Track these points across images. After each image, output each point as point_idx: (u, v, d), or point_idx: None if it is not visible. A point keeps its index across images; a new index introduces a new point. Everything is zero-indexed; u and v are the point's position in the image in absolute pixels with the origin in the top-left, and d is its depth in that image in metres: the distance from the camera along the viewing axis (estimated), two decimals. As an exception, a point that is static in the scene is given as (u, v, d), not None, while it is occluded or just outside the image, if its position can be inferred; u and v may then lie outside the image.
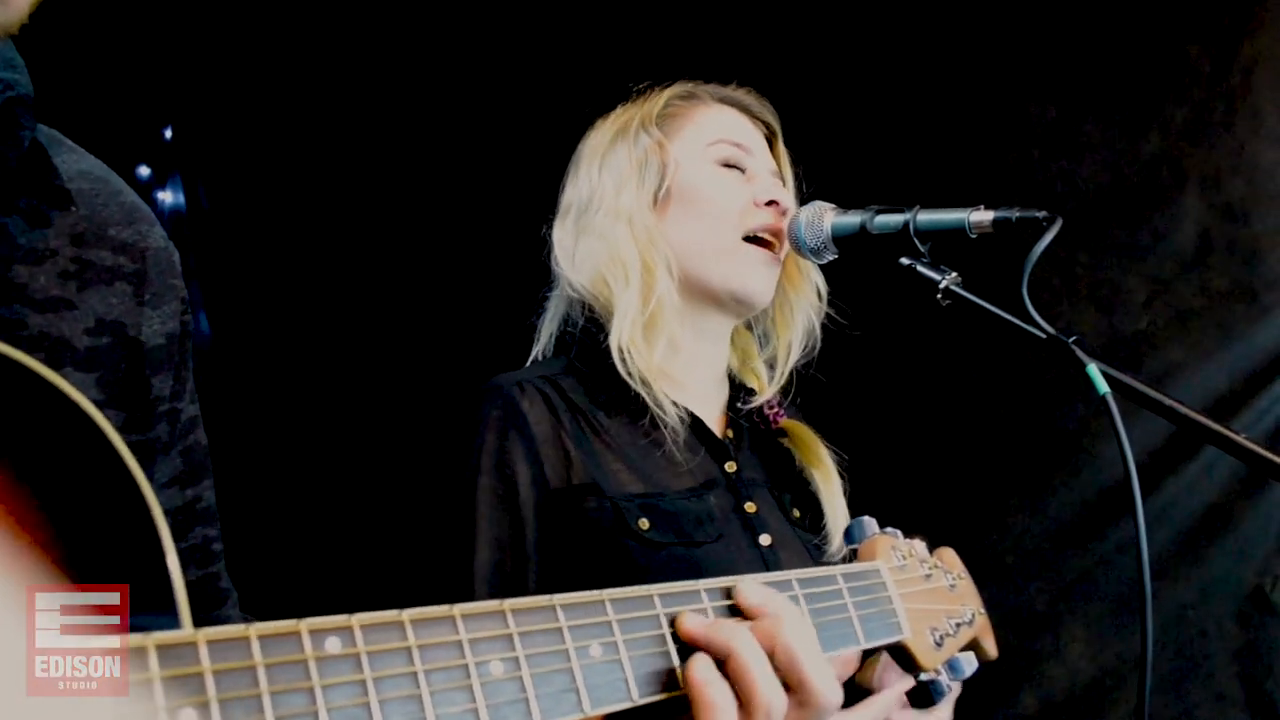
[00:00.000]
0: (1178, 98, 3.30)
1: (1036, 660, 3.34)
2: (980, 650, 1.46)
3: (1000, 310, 1.57)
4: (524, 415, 1.65)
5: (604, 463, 1.67)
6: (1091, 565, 3.31)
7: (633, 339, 1.72)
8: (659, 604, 0.94)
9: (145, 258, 1.06)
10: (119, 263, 1.03)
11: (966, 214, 1.62)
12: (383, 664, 0.71)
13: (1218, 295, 3.27)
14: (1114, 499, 3.25)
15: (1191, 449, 3.21)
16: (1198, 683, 3.21)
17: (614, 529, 1.59)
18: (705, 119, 1.90)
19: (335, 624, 0.69)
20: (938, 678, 1.33)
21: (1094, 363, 1.47)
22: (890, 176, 3.25)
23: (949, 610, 1.39)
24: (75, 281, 0.98)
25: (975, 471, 3.39)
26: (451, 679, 0.75)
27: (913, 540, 1.45)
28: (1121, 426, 1.43)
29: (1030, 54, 3.41)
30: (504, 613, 0.81)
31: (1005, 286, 1.53)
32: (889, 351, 3.34)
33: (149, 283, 1.06)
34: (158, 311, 1.06)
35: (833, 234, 1.75)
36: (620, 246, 1.78)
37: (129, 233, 1.06)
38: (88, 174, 1.05)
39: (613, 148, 1.88)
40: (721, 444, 1.80)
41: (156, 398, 1.05)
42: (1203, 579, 3.22)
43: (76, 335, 0.97)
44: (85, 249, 1.01)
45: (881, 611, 1.21)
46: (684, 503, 1.67)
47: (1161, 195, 3.32)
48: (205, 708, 0.61)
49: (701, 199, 1.82)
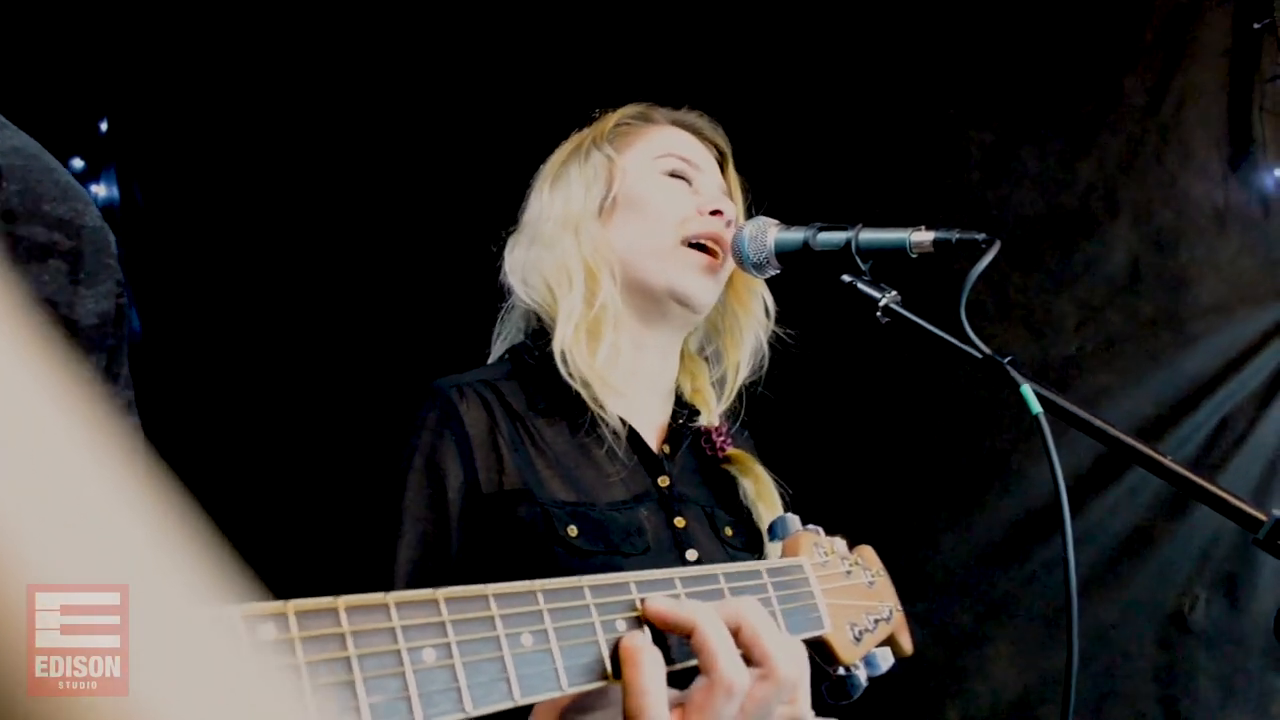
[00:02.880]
0: (1112, 128, 3.38)
1: (962, 677, 3.37)
2: (896, 646, 1.48)
3: (938, 329, 1.59)
4: (460, 418, 1.66)
5: (537, 469, 1.67)
6: (1018, 584, 3.36)
7: (575, 340, 1.74)
8: (589, 595, 0.94)
9: (81, 235, 1.03)
10: (54, 239, 1.00)
11: (908, 234, 1.64)
12: (316, 649, 0.70)
13: (1146, 322, 3.35)
14: (1041, 519, 3.31)
15: (1116, 472, 3.28)
16: (1118, 703, 3.26)
17: (543, 535, 1.60)
18: (656, 136, 1.93)
19: (270, 610, 0.69)
20: (855, 672, 1.35)
21: (1028, 383, 1.49)
22: (832, 197, 3.29)
23: (868, 606, 1.41)
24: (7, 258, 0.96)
25: (906, 487, 3.43)
26: (384, 665, 0.74)
27: (833, 538, 1.47)
28: (1053, 446, 1.45)
29: (970, 81, 3.48)
30: (437, 601, 0.81)
31: (943, 306, 1.56)
32: (826, 368, 3.37)
33: (84, 261, 1.03)
34: (92, 291, 1.02)
35: (776, 249, 1.76)
36: (566, 253, 1.80)
37: (64, 209, 1.02)
38: (20, 150, 1.01)
39: (565, 168, 1.92)
40: (656, 458, 1.80)
41: (88, 379, 1.03)
42: (1124, 600, 3.28)
43: None
44: (17, 225, 0.97)
45: (804, 606, 1.23)
46: (613, 514, 1.67)
47: (1094, 223, 3.39)
48: None
49: (644, 204, 1.84)
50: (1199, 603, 3.27)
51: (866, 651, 1.38)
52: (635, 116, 1.97)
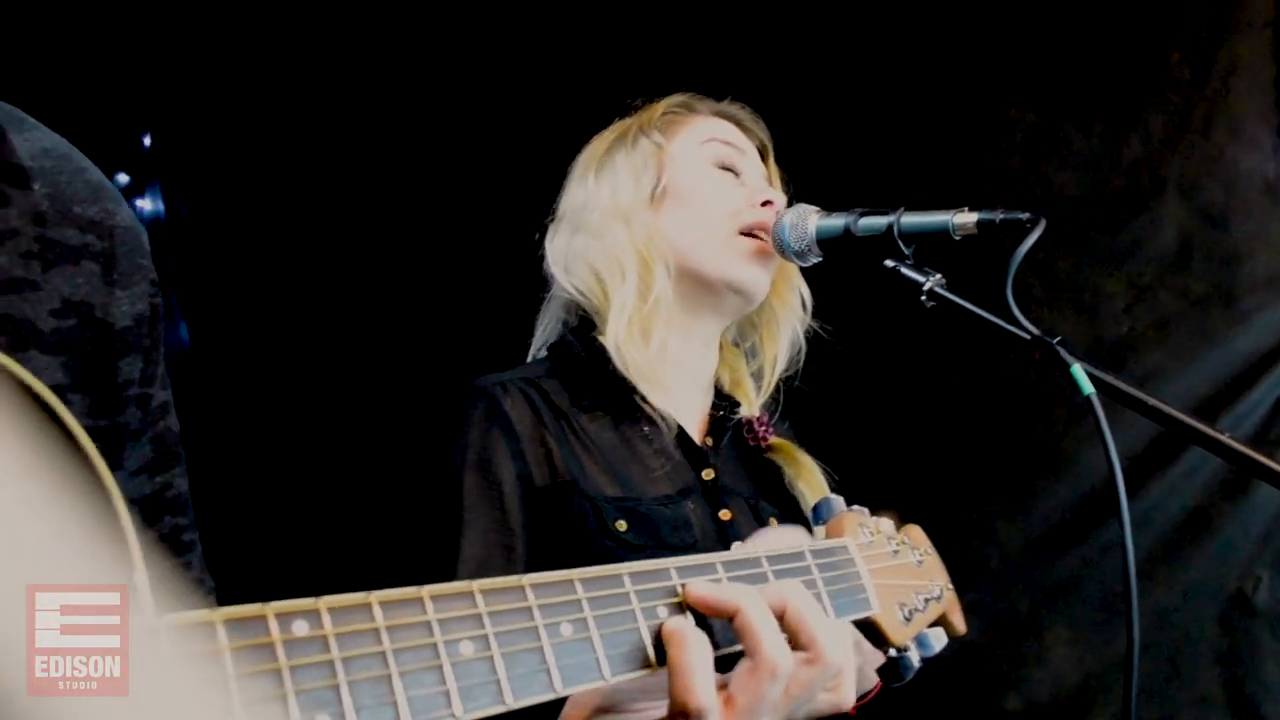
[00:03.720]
0: (1157, 104, 3.32)
1: (1020, 664, 3.33)
2: (949, 626, 1.46)
3: (984, 312, 1.57)
4: (507, 415, 1.66)
5: (584, 464, 1.67)
6: (1075, 568, 3.31)
7: (629, 335, 1.74)
8: (629, 583, 0.93)
9: (113, 235, 1.02)
10: (86, 241, 1.00)
11: (950, 216, 1.62)
12: (351, 645, 0.70)
13: (1198, 300, 3.29)
14: (1097, 502, 3.26)
15: (1173, 452, 3.22)
16: (1180, 686, 3.21)
17: (593, 528, 1.60)
18: (701, 123, 1.94)
19: (302, 607, 0.69)
20: (907, 653, 1.33)
21: (1078, 363, 1.47)
22: (873, 182, 3.26)
23: (917, 586, 1.39)
24: (39, 261, 0.95)
25: (958, 475, 3.39)
26: (421, 659, 0.74)
27: (879, 517, 1.45)
28: (1106, 427, 1.42)
29: (1011, 60, 3.43)
30: (472, 593, 0.80)
31: (989, 289, 1.53)
32: (873, 355, 3.34)
33: (117, 262, 1.02)
34: (126, 292, 1.02)
35: (817, 236, 1.75)
36: (617, 244, 1.80)
37: (95, 210, 1.02)
38: (50, 151, 1.01)
39: (610, 155, 1.91)
40: (700, 451, 1.80)
41: (125, 381, 1.02)
42: (1185, 582, 3.23)
43: (41, 317, 0.94)
44: (49, 228, 0.97)
45: (851, 587, 1.21)
46: (660, 508, 1.67)
47: (1141, 200, 3.33)
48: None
49: (696, 194, 1.84)
50: (1262, 583, 3.20)
51: (918, 632, 1.36)
52: (680, 106, 1.97)
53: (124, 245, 1.03)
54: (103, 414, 0.99)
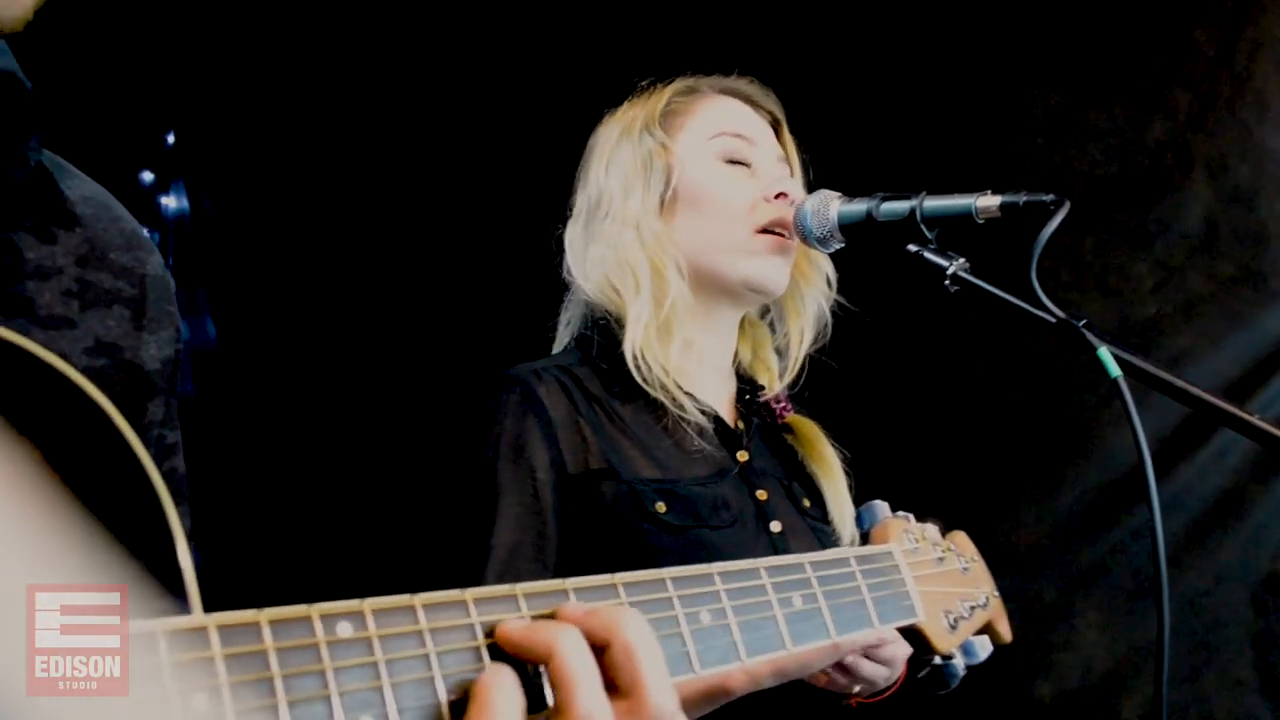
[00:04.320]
0: (1182, 83, 3.29)
1: (1050, 650, 3.32)
2: (994, 634, 1.46)
3: (1009, 295, 1.56)
4: (541, 401, 1.67)
5: (620, 448, 1.69)
6: (1104, 553, 3.30)
7: (646, 343, 1.75)
8: (671, 588, 0.92)
9: (144, 283, 1.08)
10: (118, 287, 1.05)
11: (973, 199, 1.61)
12: (395, 647, 0.71)
13: (1226, 281, 3.26)
14: (1126, 486, 3.24)
15: (1203, 435, 3.20)
16: (1213, 670, 3.19)
17: (632, 512, 1.61)
18: (707, 113, 1.91)
19: (347, 608, 0.70)
20: (952, 660, 1.33)
21: (1105, 345, 1.46)
22: (895, 165, 3.24)
23: (962, 594, 1.39)
24: (77, 301, 1.00)
25: (985, 460, 3.38)
26: (463, 662, 0.75)
27: (925, 524, 1.45)
28: (1134, 410, 1.42)
29: (1034, 41, 3.41)
30: (516, 596, 0.81)
31: (1014, 272, 1.52)
32: (898, 339, 3.34)
33: (147, 308, 1.07)
34: (155, 337, 1.07)
35: (839, 222, 1.75)
36: (628, 253, 1.79)
37: (128, 258, 1.07)
38: (90, 199, 1.06)
39: (618, 148, 1.89)
40: (734, 433, 1.82)
41: (149, 422, 1.06)
42: (1217, 566, 3.20)
43: (76, 354, 0.98)
44: (87, 270, 1.02)
45: (895, 594, 1.21)
46: (698, 489, 1.69)
47: (1168, 181, 3.31)
48: (217, 692, 0.61)
49: (709, 198, 1.83)
50: (1295, 565, 3.18)
51: (963, 639, 1.36)
52: (684, 93, 1.94)
53: (153, 292, 1.09)
54: None
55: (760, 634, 1.00)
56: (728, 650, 0.97)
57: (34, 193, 0.99)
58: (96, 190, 1.08)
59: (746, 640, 0.98)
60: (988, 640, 1.42)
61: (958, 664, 1.34)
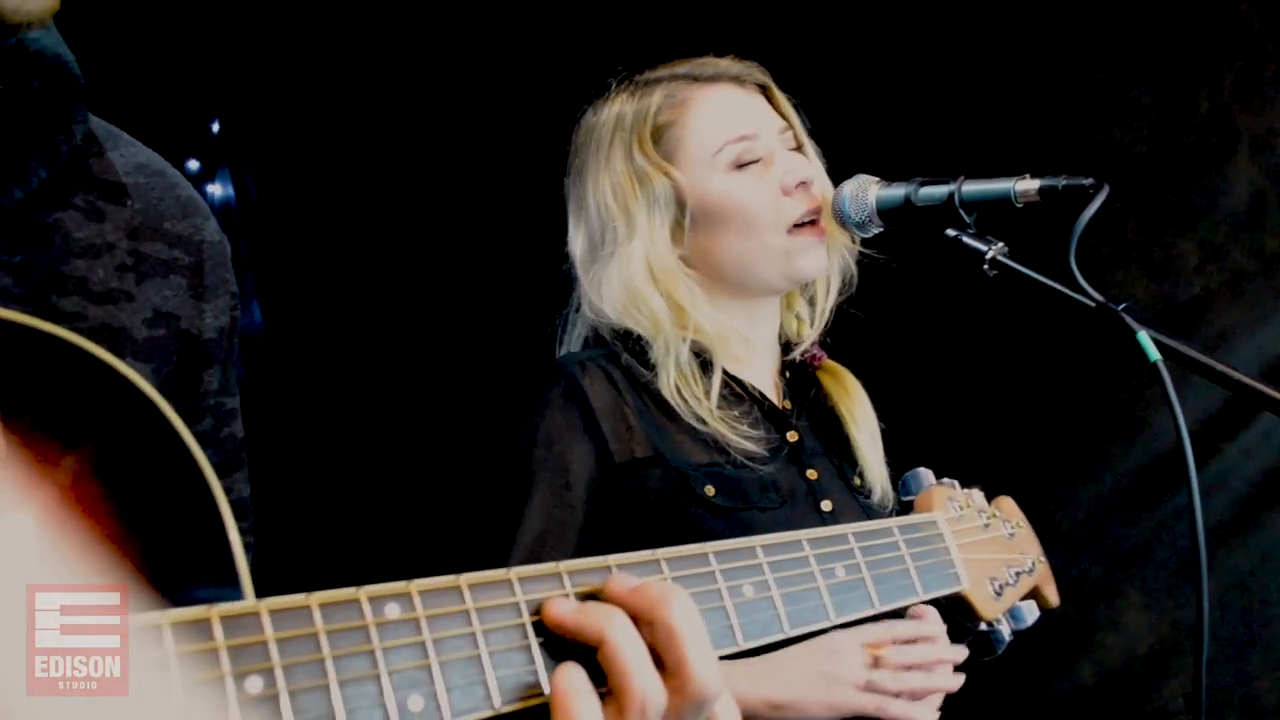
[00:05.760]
0: (1227, 58, 3.24)
1: (1093, 630, 3.31)
2: (1042, 598, 1.46)
3: (1048, 279, 1.56)
4: (585, 392, 1.69)
5: (667, 434, 1.70)
6: (1148, 533, 3.27)
7: (680, 380, 1.73)
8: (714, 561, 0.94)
9: (201, 251, 1.08)
10: (174, 256, 1.05)
11: (1012, 183, 1.61)
12: (442, 627, 0.73)
13: (1272, 257, 3.21)
14: (1170, 466, 3.21)
15: (1248, 415, 3.16)
16: (1260, 651, 3.16)
17: (681, 497, 1.63)
18: (700, 121, 1.83)
19: (394, 590, 0.72)
20: (998, 627, 1.33)
21: (1144, 329, 1.46)
22: (938, 146, 3.23)
23: (1008, 559, 1.39)
24: (133, 274, 1.00)
25: (1028, 441, 3.36)
26: (509, 640, 0.77)
27: (970, 490, 1.45)
28: (1174, 393, 1.42)
29: (1077, 18, 3.37)
30: (560, 574, 0.83)
31: (1054, 255, 1.52)
32: (946, 320, 3.33)
33: (204, 276, 1.08)
34: (210, 305, 1.08)
35: (878, 207, 1.75)
36: (642, 289, 1.76)
37: (184, 226, 1.07)
38: (144, 167, 1.06)
39: (610, 167, 1.84)
40: (783, 414, 1.85)
41: (205, 391, 1.07)
42: (1262, 545, 3.17)
43: (136, 326, 0.99)
44: (141, 242, 1.02)
45: (939, 563, 1.22)
46: (748, 471, 1.70)
47: (1212, 158, 3.26)
48: (270, 673, 0.64)
49: (733, 215, 1.80)
50: (1342, 545, 3.15)
51: (1009, 605, 1.37)
52: (667, 105, 1.85)
53: (210, 260, 1.09)
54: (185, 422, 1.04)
55: (803, 605, 1.01)
56: (770, 623, 0.97)
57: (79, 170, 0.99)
58: (151, 158, 1.09)
59: (790, 612, 0.98)
60: (1034, 605, 1.42)
61: (1004, 630, 1.35)
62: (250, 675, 0.63)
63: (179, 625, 0.62)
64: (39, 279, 0.92)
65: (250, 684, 0.63)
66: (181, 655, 0.61)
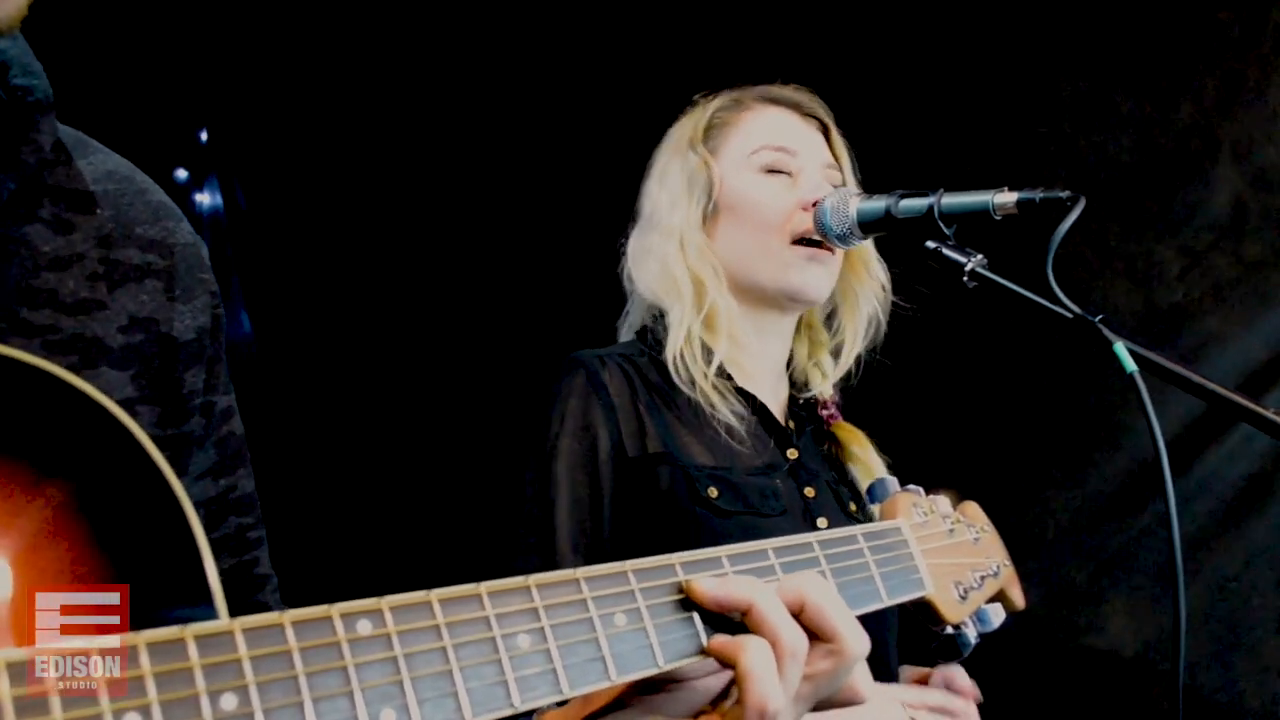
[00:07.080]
0: (1209, 66, 3.26)
1: (1077, 634, 3.33)
2: (1008, 601, 1.48)
3: (1026, 291, 1.58)
4: (604, 384, 1.76)
5: (677, 435, 1.76)
6: (1132, 538, 3.29)
7: (688, 346, 1.82)
8: (680, 572, 0.95)
9: (174, 254, 1.09)
10: (148, 261, 1.06)
11: (990, 196, 1.63)
12: (413, 642, 0.74)
13: (1254, 264, 3.23)
14: (1153, 471, 3.19)
15: (1230, 420, 3.17)
16: (1243, 656, 3.18)
17: (685, 496, 1.68)
18: (750, 126, 1.96)
19: (365, 607, 0.73)
20: (964, 630, 1.35)
21: (1120, 341, 1.48)
22: (921, 154, 3.24)
23: (973, 564, 1.41)
24: (105, 282, 1.01)
25: (1012, 448, 3.38)
26: (480, 654, 0.78)
27: (935, 496, 1.47)
28: (1150, 404, 1.44)
29: (1059, 28, 3.39)
30: (529, 588, 0.84)
31: (1035, 265, 1.54)
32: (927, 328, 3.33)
33: (178, 278, 1.09)
34: (188, 306, 1.08)
35: (859, 219, 1.78)
36: (672, 264, 1.88)
37: (156, 230, 1.08)
38: (113, 174, 1.07)
39: (669, 163, 1.99)
40: (785, 432, 1.90)
41: (190, 391, 1.08)
42: (1245, 549, 3.19)
43: (110, 334, 1.00)
44: (113, 249, 1.03)
45: (904, 569, 1.23)
46: (751, 479, 1.76)
47: (1194, 165, 3.28)
48: (244, 691, 0.65)
49: (746, 208, 1.90)
50: (1324, 550, 3.16)
51: (974, 609, 1.38)
52: (727, 107, 2.00)
53: (184, 262, 1.10)
54: (170, 424, 1.05)
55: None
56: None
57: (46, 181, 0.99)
58: (119, 164, 1.09)
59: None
60: (1000, 608, 1.44)
61: (969, 633, 1.37)
62: (225, 693, 0.64)
63: (154, 645, 0.63)
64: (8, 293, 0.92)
65: (225, 701, 0.64)
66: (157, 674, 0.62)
